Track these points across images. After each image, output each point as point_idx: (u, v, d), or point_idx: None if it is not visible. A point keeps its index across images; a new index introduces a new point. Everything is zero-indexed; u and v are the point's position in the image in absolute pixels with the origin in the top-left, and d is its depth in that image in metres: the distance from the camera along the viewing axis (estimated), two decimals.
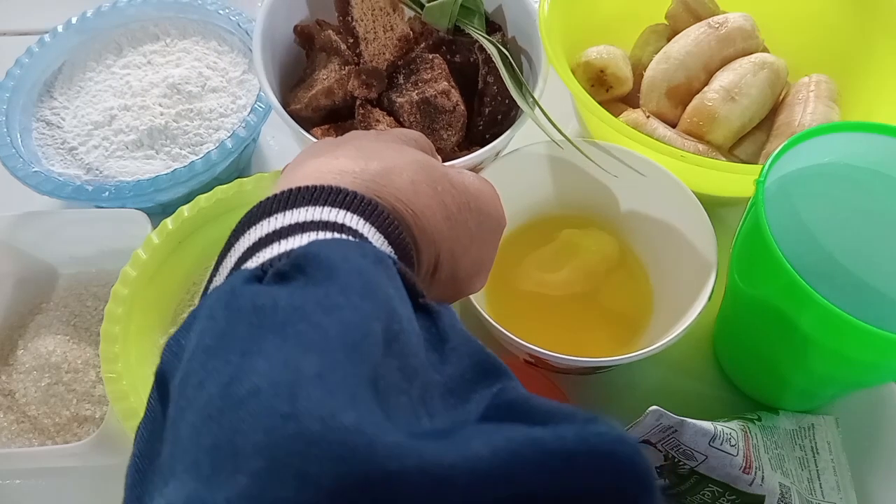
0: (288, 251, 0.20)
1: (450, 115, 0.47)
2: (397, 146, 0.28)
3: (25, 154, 0.52)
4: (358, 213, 0.22)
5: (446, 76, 0.47)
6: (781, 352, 0.40)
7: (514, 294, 0.47)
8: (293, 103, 0.48)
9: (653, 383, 0.46)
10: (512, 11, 0.52)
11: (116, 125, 0.54)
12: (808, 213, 0.43)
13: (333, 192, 0.23)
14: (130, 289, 0.42)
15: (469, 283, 0.29)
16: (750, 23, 0.51)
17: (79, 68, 0.58)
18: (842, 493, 0.41)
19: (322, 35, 0.50)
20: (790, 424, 0.43)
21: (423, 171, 0.26)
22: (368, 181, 0.24)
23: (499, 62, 0.45)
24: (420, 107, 0.46)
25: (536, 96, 0.47)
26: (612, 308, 0.46)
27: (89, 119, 0.55)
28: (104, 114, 0.55)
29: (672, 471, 0.39)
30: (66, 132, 0.55)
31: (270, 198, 0.23)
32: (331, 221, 0.21)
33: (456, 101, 0.47)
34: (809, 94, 0.49)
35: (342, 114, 0.49)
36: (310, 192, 0.22)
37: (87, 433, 0.44)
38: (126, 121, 0.54)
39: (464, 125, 0.48)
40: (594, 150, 0.46)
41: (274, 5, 0.49)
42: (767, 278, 0.37)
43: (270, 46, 0.49)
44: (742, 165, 0.47)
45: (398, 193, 0.25)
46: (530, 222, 0.49)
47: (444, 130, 0.47)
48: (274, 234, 0.21)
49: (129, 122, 0.54)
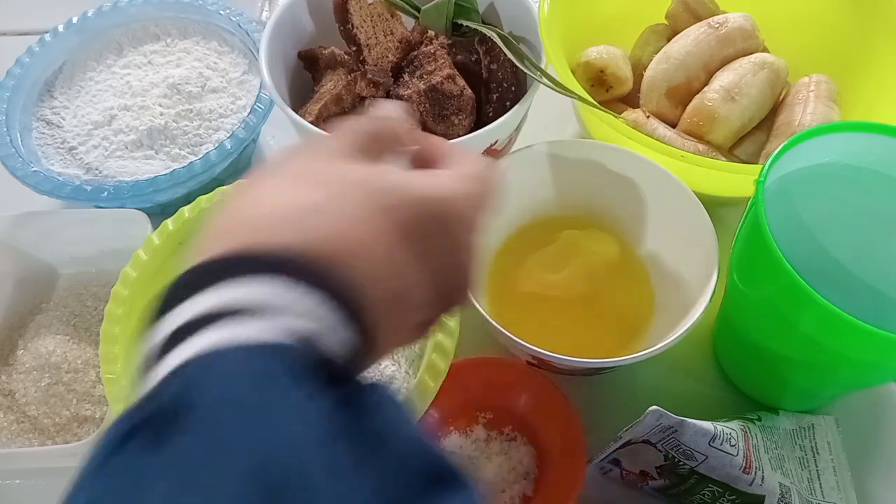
0: (174, 371, 0.18)
1: (458, 100, 0.47)
2: (333, 169, 0.24)
3: (25, 153, 0.52)
4: (278, 279, 0.19)
5: (450, 65, 0.48)
6: (781, 352, 0.40)
7: (515, 295, 0.47)
8: (304, 118, 0.49)
9: (653, 383, 0.46)
10: (506, 10, 0.52)
11: (116, 125, 0.54)
12: (808, 213, 0.43)
13: (245, 262, 0.20)
14: (131, 290, 0.42)
15: (451, 296, 0.26)
16: (750, 23, 0.51)
17: (79, 68, 0.58)
18: (842, 493, 0.41)
19: (325, 53, 0.51)
20: (790, 424, 0.43)
21: (364, 193, 0.23)
22: (292, 231, 0.21)
23: (499, 42, 0.46)
24: (428, 95, 0.47)
25: (536, 96, 0.47)
26: (614, 308, 0.46)
27: (89, 119, 0.55)
28: (104, 113, 0.55)
29: (672, 471, 0.39)
30: (66, 132, 0.56)
31: (183, 276, 0.20)
32: (239, 308, 0.19)
33: (462, 86, 0.48)
34: (809, 94, 0.49)
35: None
36: (220, 266, 0.20)
37: (87, 433, 0.44)
38: (126, 121, 0.54)
39: (473, 108, 0.49)
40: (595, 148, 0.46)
41: (273, 34, 0.49)
42: (767, 278, 0.37)
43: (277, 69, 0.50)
44: (742, 165, 0.47)
45: (331, 237, 0.21)
46: (531, 223, 0.49)
47: (454, 116, 0.48)
48: (177, 333, 0.19)
49: (128, 122, 0.54)
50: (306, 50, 0.52)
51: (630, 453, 0.39)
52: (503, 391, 0.44)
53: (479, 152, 0.46)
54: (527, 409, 0.43)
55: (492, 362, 0.44)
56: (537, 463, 0.42)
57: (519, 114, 0.46)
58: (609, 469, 0.41)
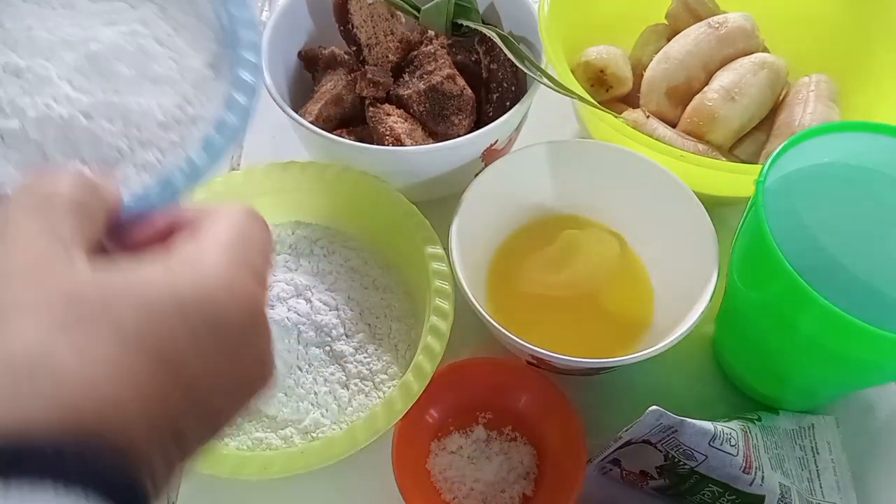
0: None
1: (458, 100, 0.47)
2: (49, 280, 0.18)
3: None
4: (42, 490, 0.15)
5: (450, 64, 0.48)
6: (781, 352, 0.40)
7: (515, 295, 0.47)
8: (304, 118, 0.49)
9: (653, 383, 0.46)
10: (506, 10, 0.52)
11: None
12: (808, 213, 0.43)
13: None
14: None
15: (251, 389, 0.21)
16: (750, 23, 0.51)
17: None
18: (842, 493, 0.41)
19: (325, 53, 0.51)
20: (790, 424, 0.43)
21: (107, 319, 0.17)
22: (29, 396, 0.16)
23: (499, 42, 0.46)
24: (428, 95, 0.47)
25: (536, 96, 0.47)
26: (614, 308, 0.46)
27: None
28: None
29: (672, 471, 0.39)
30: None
31: None
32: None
33: (462, 85, 0.48)
34: (809, 94, 0.49)
35: (354, 122, 0.50)
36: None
37: None
38: (11, 93, 0.28)
39: (473, 108, 0.49)
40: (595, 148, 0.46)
41: (273, 34, 0.49)
42: (767, 278, 0.37)
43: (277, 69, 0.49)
44: (742, 165, 0.47)
45: (86, 396, 0.16)
46: (531, 223, 0.49)
47: (454, 116, 0.48)
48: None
49: (13, 98, 0.28)
50: (306, 50, 0.52)
51: (630, 453, 0.39)
52: (503, 391, 0.43)
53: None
54: (527, 409, 0.43)
55: (492, 362, 0.44)
56: (537, 463, 0.42)
57: (519, 114, 0.46)
58: (609, 469, 0.41)
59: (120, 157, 0.29)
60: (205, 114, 0.30)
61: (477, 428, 0.43)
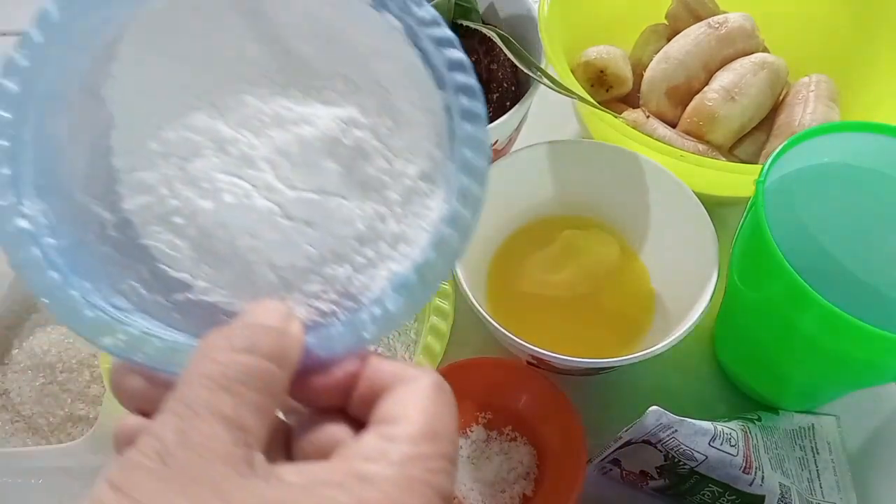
0: None
1: None
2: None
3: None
4: None
5: None
6: (781, 352, 0.40)
7: (515, 295, 0.46)
8: None
9: (653, 383, 0.46)
10: (506, 10, 0.52)
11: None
12: (808, 213, 0.43)
13: None
14: None
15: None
16: (750, 23, 0.51)
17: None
18: (842, 493, 0.41)
19: None
20: (790, 424, 0.43)
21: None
22: None
23: (499, 42, 0.45)
24: None
25: (536, 96, 0.47)
26: (614, 308, 0.46)
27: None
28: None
29: (672, 471, 0.39)
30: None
31: None
32: None
33: None
34: (809, 94, 0.49)
35: None
36: None
37: (81, 433, 0.44)
38: (208, 166, 0.23)
39: None
40: (595, 148, 0.46)
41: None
42: (767, 278, 0.37)
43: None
44: (742, 165, 0.47)
45: None
46: (531, 223, 0.49)
47: None
48: None
49: (210, 173, 0.23)
50: None
51: (630, 453, 0.39)
52: (503, 391, 0.43)
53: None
54: (527, 409, 0.43)
55: (492, 362, 0.44)
56: (537, 463, 0.42)
57: (519, 114, 0.46)
58: (609, 469, 0.41)
59: (312, 266, 0.23)
60: (409, 233, 0.23)
61: (477, 428, 0.43)
